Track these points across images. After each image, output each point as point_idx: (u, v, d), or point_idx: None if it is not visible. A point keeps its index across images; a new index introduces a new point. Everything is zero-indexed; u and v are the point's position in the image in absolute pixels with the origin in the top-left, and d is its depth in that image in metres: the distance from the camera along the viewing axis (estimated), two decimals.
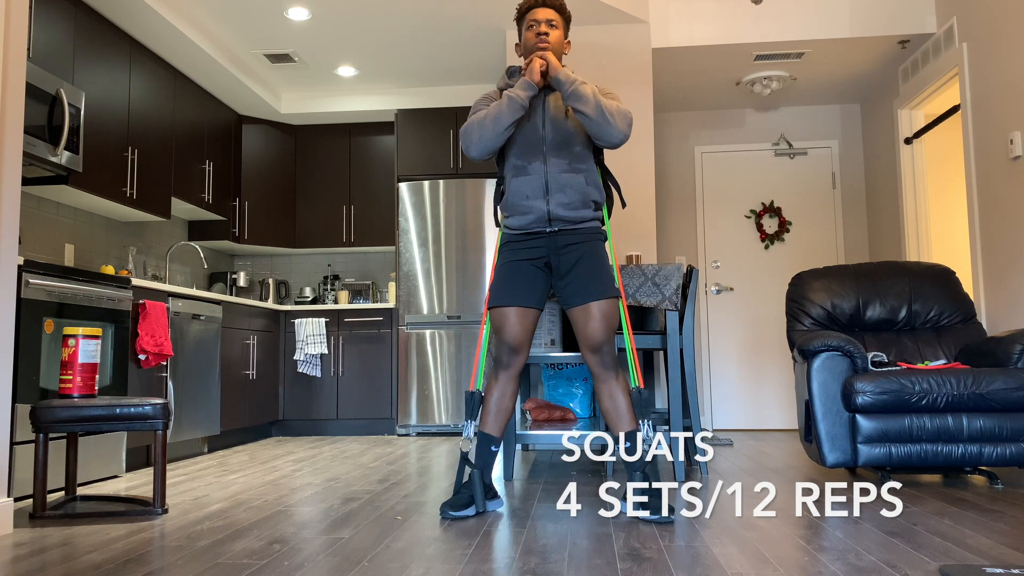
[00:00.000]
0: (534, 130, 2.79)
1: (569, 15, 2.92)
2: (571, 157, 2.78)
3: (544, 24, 2.82)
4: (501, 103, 2.71)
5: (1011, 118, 4.09)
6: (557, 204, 2.75)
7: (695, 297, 3.70)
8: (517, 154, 2.81)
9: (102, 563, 2.13)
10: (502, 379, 2.79)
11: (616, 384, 2.72)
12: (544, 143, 2.78)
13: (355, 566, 2.05)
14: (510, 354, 2.77)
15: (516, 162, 2.81)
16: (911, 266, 3.91)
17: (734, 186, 6.18)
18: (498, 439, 2.78)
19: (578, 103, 2.67)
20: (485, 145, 2.72)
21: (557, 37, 2.84)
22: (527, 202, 2.77)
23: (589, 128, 2.70)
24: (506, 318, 2.76)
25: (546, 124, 2.79)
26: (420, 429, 5.68)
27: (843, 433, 3.25)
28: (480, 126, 2.72)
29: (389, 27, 4.98)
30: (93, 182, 4.22)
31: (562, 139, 2.78)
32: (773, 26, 5.02)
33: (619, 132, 2.68)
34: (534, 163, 2.78)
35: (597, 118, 2.66)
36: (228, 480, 3.64)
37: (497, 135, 2.71)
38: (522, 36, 2.89)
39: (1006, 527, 2.42)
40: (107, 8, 4.31)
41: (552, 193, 2.75)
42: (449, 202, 5.77)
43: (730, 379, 6.04)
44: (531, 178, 2.77)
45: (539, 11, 2.85)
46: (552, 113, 2.80)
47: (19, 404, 3.12)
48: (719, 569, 1.97)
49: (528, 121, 2.80)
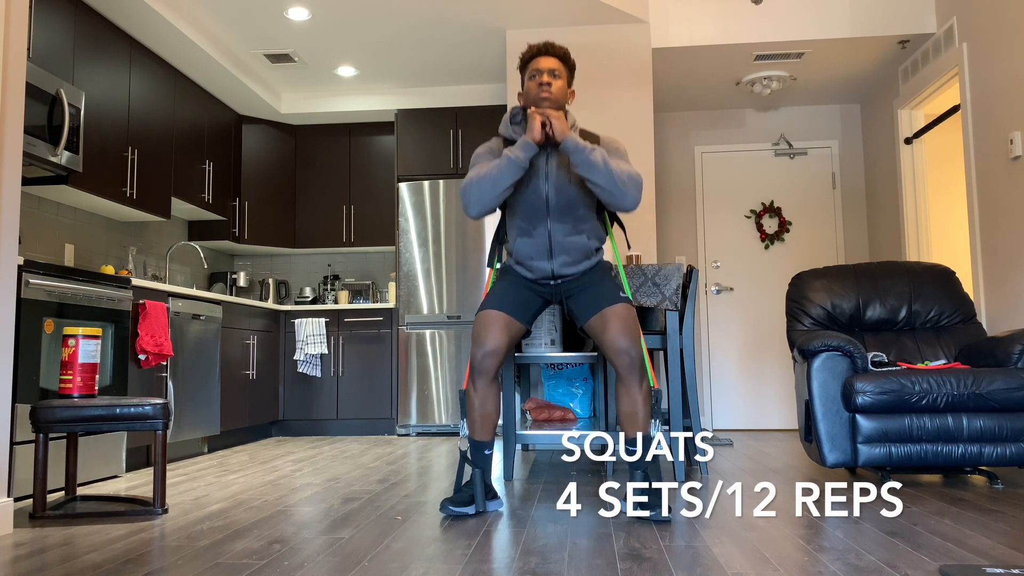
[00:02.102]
0: (537, 195, 2.73)
1: (573, 64, 2.84)
2: (575, 220, 2.74)
3: (547, 74, 2.74)
4: (500, 163, 2.63)
5: (1011, 118, 4.09)
6: (561, 264, 2.77)
7: (695, 297, 3.70)
8: (521, 216, 2.77)
9: (102, 563, 2.13)
10: (480, 386, 2.72)
11: (639, 391, 2.65)
12: (547, 207, 2.73)
13: (355, 566, 2.05)
14: (486, 358, 2.69)
15: (520, 223, 2.77)
16: (911, 266, 3.91)
17: (734, 186, 6.18)
18: (489, 442, 2.77)
19: (589, 172, 2.60)
20: (484, 206, 2.67)
21: (560, 87, 2.76)
22: (532, 262, 2.79)
23: (600, 196, 2.64)
24: (491, 321, 2.72)
25: (549, 189, 2.72)
26: (420, 429, 5.68)
27: (843, 433, 3.25)
28: (479, 187, 2.65)
29: (389, 27, 4.98)
30: (93, 182, 4.22)
31: (566, 204, 2.72)
32: (773, 26, 5.02)
33: (631, 200, 2.62)
34: (538, 227, 2.74)
35: (609, 187, 2.60)
36: (228, 480, 3.64)
37: (495, 197, 2.65)
38: (524, 85, 2.81)
39: (1006, 527, 2.42)
40: (107, 8, 4.31)
41: (556, 255, 2.76)
42: (449, 202, 5.77)
43: (730, 379, 6.04)
44: (535, 241, 2.75)
45: (542, 60, 2.77)
46: (555, 179, 2.72)
47: (19, 404, 3.12)
48: (719, 569, 1.97)
49: (531, 186, 2.73)
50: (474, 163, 2.79)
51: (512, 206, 2.79)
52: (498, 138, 2.89)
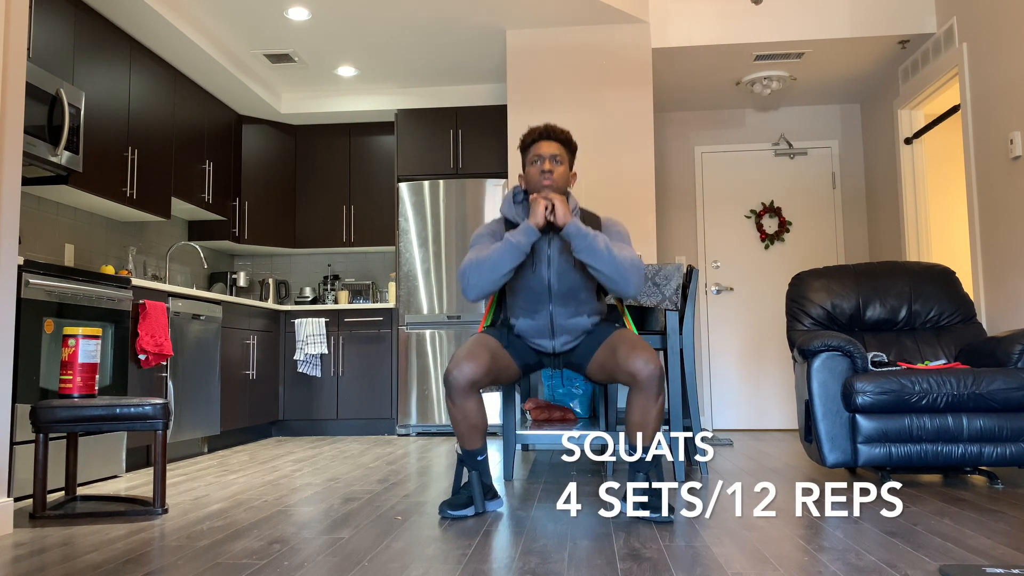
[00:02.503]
0: (539, 280, 2.71)
1: (575, 146, 2.81)
2: (576, 303, 2.73)
3: (548, 160, 2.70)
4: (501, 247, 2.59)
5: (1011, 118, 4.09)
6: (563, 343, 2.78)
7: (695, 297, 3.70)
8: (523, 298, 2.75)
9: (102, 563, 2.13)
10: (458, 401, 2.65)
11: (655, 404, 2.58)
12: (550, 293, 2.71)
13: (355, 566, 2.05)
14: (460, 377, 2.61)
15: (522, 305, 2.76)
16: (911, 266, 3.90)
17: (734, 186, 6.18)
18: (481, 448, 2.75)
19: (591, 259, 2.57)
20: (483, 290, 2.63)
21: (562, 173, 2.73)
22: (534, 340, 2.79)
23: (601, 281, 2.62)
24: (481, 348, 2.67)
25: (551, 275, 2.70)
26: (420, 429, 5.68)
27: (843, 433, 3.25)
28: (478, 271, 2.61)
29: (389, 27, 4.98)
30: (93, 182, 4.22)
31: (568, 289, 2.71)
32: (773, 26, 5.02)
33: (633, 287, 2.60)
34: (540, 311, 2.73)
35: (612, 274, 2.57)
36: (228, 480, 3.64)
37: (494, 281, 2.61)
38: (526, 168, 2.77)
39: (1006, 527, 2.42)
40: (107, 8, 4.31)
41: (557, 335, 2.76)
42: (449, 202, 5.77)
43: (730, 379, 6.04)
44: (537, 323, 2.75)
45: (544, 145, 2.73)
46: (557, 264, 2.70)
47: (19, 404, 3.12)
48: (719, 569, 1.97)
49: (533, 270, 2.71)
50: (474, 244, 2.75)
51: (513, 288, 2.76)
52: (499, 220, 2.84)
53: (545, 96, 5.11)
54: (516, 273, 2.70)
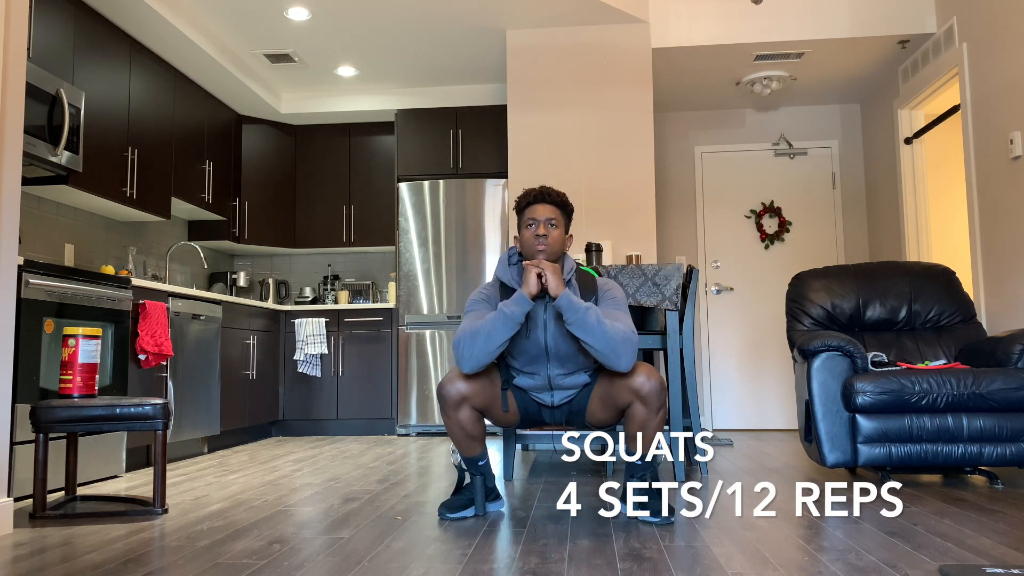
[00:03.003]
0: (536, 345, 2.68)
1: (571, 208, 2.76)
2: (574, 364, 2.71)
3: (543, 224, 2.66)
4: (495, 318, 2.55)
5: (1011, 118, 4.09)
6: (561, 397, 2.76)
7: (695, 297, 3.70)
8: (520, 361, 2.72)
9: (102, 563, 2.13)
10: (452, 415, 2.65)
11: (655, 417, 2.56)
12: (547, 355, 2.68)
13: (355, 566, 2.05)
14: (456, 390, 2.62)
15: (520, 366, 2.74)
16: (911, 266, 3.90)
17: (734, 186, 6.18)
18: (481, 454, 2.74)
19: (582, 333, 2.51)
20: (478, 361, 2.57)
21: (557, 237, 2.68)
22: (532, 393, 2.77)
23: (593, 355, 2.57)
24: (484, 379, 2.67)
25: (548, 338, 2.67)
26: (420, 429, 5.68)
27: (843, 433, 3.25)
28: (472, 343, 2.56)
29: (389, 27, 4.98)
30: (93, 182, 4.22)
31: (566, 353, 2.68)
32: (773, 26, 5.02)
33: (624, 362, 2.52)
34: (539, 371, 2.71)
35: (603, 350, 2.51)
36: (228, 480, 3.64)
37: (489, 353, 2.57)
38: (521, 231, 2.73)
39: (1006, 527, 2.41)
40: (107, 8, 4.31)
41: (556, 392, 2.75)
42: (449, 202, 5.77)
43: (730, 379, 6.03)
44: (535, 381, 2.73)
45: (539, 209, 2.68)
46: (554, 328, 2.66)
47: (19, 404, 3.12)
48: (719, 569, 1.97)
49: (529, 336, 2.68)
50: (468, 310, 2.72)
51: (511, 351, 2.73)
52: (494, 283, 2.81)
53: (545, 96, 5.11)
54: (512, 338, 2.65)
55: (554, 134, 5.08)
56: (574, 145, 5.06)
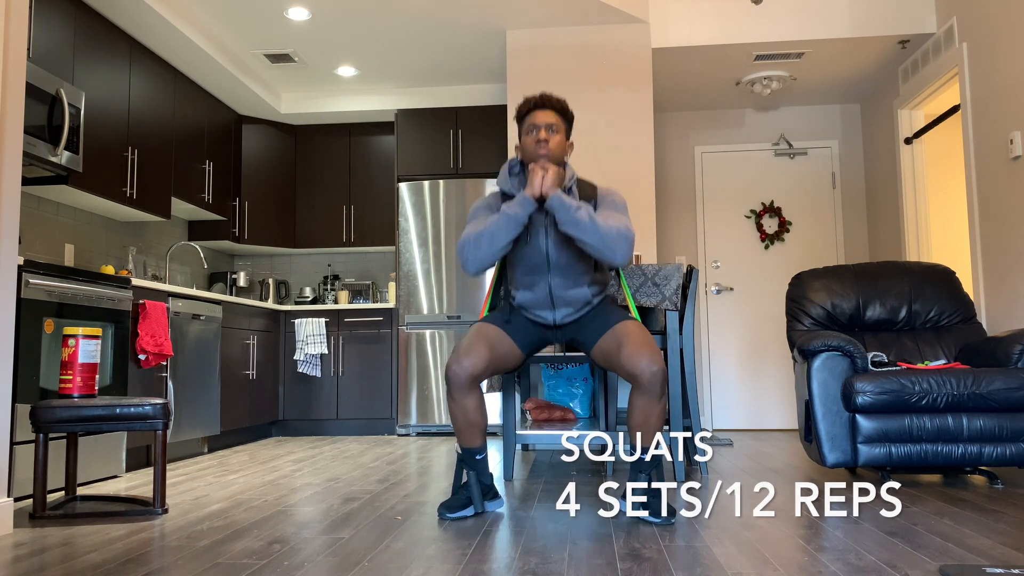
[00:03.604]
0: (538, 253, 2.69)
1: (572, 116, 2.78)
2: (575, 274, 2.72)
3: (544, 130, 2.68)
4: (498, 219, 2.58)
5: (1011, 118, 4.09)
6: (563, 315, 2.76)
7: (695, 297, 3.70)
8: (521, 271, 2.74)
9: (102, 563, 2.13)
10: (458, 397, 2.66)
11: (657, 405, 2.57)
12: (548, 264, 2.69)
13: (355, 566, 2.05)
14: (461, 371, 2.62)
15: (520, 277, 2.75)
16: (911, 266, 3.91)
17: (734, 186, 6.18)
18: (481, 447, 2.75)
19: (574, 231, 2.53)
20: (482, 263, 2.61)
21: (558, 142, 2.70)
22: (534, 311, 2.77)
23: (589, 252, 2.59)
24: (481, 337, 2.67)
25: (549, 245, 2.68)
26: (420, 429, 5.68)
27: (843, 433, 3.25)
28: (476, 245, 2.60)
29: (389, 27, 4.98)
30: (93, 182, 4.22)
31: (566, 260, 2.69)
32: (773, 26, 5.02)
33: (620, 256, 2.55)
34: (539, 282, 2.72)
35: (596, 244, 2.53)
36: (228, 480, 3.64)
37: (493, 254, 2.60)
38: (521, 139, 2.75)
39: (1006, 527, 2.42)
40: (107, 8, 4.31)
41: (558, 306, 2.74)
42: (449, 202, 5.77)
43: (730, 379, 6.04)
44: (536, 294, 2.73)
45: (539, 114, 2.70)
46: (555, 235, 2.68)
47: (19, 404, 3.12)
48: (719, 569, 1.97)
49: (531, 242, 2.69)
50: (472, 218, 2.74)
51: (512, 261, 2.76)
52: (496, 194, 2.83)
53: None
54: (514, 245, 2.69)
55: None
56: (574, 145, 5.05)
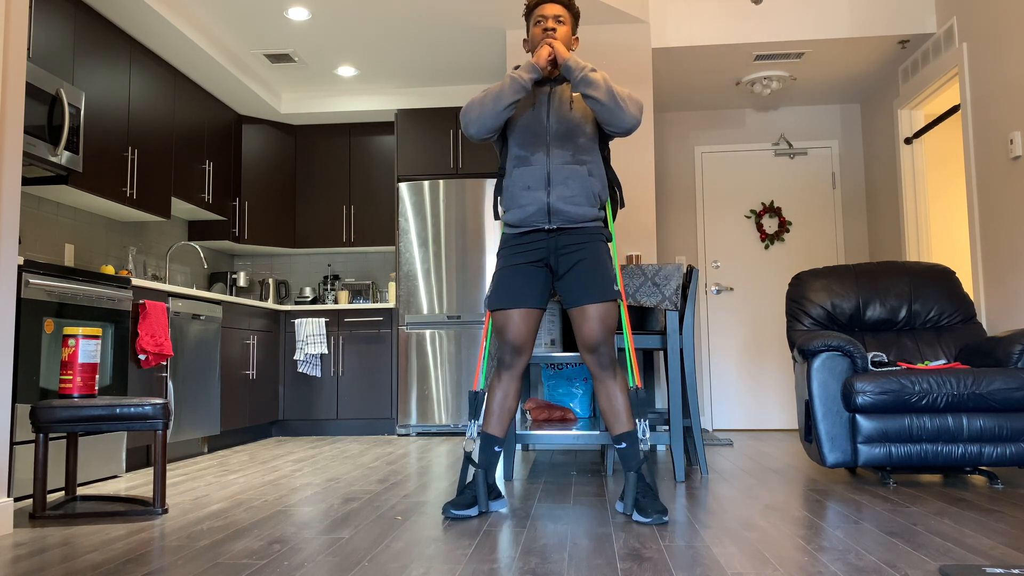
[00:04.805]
0: (538, 120, 2.77)
1: (578, 11, 2.90)
2: (575, 149, 2.76)
3: (552, 20, 2.81)
4: (503, 83, 2.70)
5: (1011, 118, 4.09)
6: (558, 197, 2.71)
7: (695, 297, 3.70)
8: (520, 144, 2.79)
9: (102, 563, 2.13)
10: (505, 379, 2.78)
11: (614, 384, 2.71)
12: (548, 133, 2.76)
13: (355, 566, 2.05)
14: (513, 354, 2.77)
15: (518, 152, 2.79)
16: (911, 266, 3.91)
17: (734, 186, 6.18)
18: (501, 439, 2.77)
19: (589, 88, 2.65)
20: (484, 123, 2.70)
21: (564, 33, 2.82)
22: (528, 192, 2.74)
23: (600, 114, 2.68)
24: (509, 319, 2.75)
25: (550, 115, 2.77)
26: (420, 429, 5.68)
27: (843, 433, 3.25)
28: (480, 104, 2.71)
29: (389, 27, 4.98)
30: (93, 182, 4.22)
31: (566, 130, 2.75)
32: (773, 26, 5.02)
33: (631, 117, 2.67)
34: (536, 153, 2.76)
35: (609, 103, 2.64)
36: (228, 480, 3.64)
37: (496, 113, 2.68)
38: (529, 32, 2.88)
39: (1006, 527, 2.42)
40: (107, 8, 4.31)
41: (554, 185, 2.72)
42: (449, 202, 5.77)
43: (730, 379, 6.04)
44: (533, 168, 2.75)
45: (547, 7, 2.83)
46: (557, 104, 2.79)
47: (19, 404, 3.12)
48: (719, 569, 1.97)
49: (532, 111, 2.78)
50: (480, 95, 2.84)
51: (511, 134, 2.82)
52: None
53: None
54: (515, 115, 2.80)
55: None
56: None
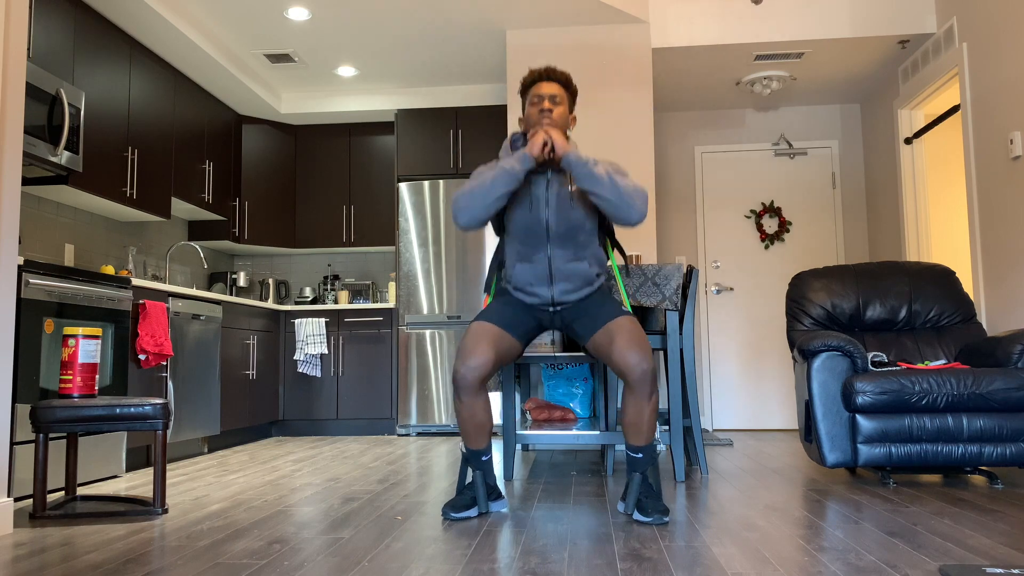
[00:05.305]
0: (537, 221, 2.67)
1: (575, 89, 2.78)
2: (576, 247, 2.69)
3: (548, 100, 2.69)
4: (494, 172, 2.57)
5: (1011, 118, 4.09)
6: (561, 292, 2.72)
7: (695, 297, 3.70)
8: (520, 241, 2.71)
9: (102, 563, 2.13)
10: (466, 399, 2.65)
11: (648, 404, 2.57)
12: (548, 234, 2.67)
13: (355, 566, 2.05)
14: (468, 372, 2.60)
15: (519, 248, 2.72)
16: (911, 266, 3.91)
17: (734, 186, 6.18)
18: (486, 448, 2.75)
19: (593, 185, 2.53)
20: (474, 215, 2.58)
21: (561, 113, 2.71)
22: (531, 288, 2.73)
23: (606, 210, 2.57)
24: (480, 335, 2.65)
25: (550, 214, 2.66)
26: (420, 429, 5.68)
27: (843, 433, 3.25)
28: (470, 195, 2.58)
29: (389, 27, 4.98)
30: (93, 182, 4.22)
31: (567, 230, 2.67)
32: (773, 26, 5.02)
33: (637, 212, 2.55)
34: (538, 253, 2.69)
35: (615, 199, 2.52)
36: (228, 480, 3.64)
37: (486, 207, 2.57)
38: (525, 110, 2.75)
39: (1006, 527, 2.42)
40: (107, 8, 4.31)
41: (556, 282, 2.71)
42: (449, 202, 5.77)
43: (730, 379, 6.04)
44: (535, 266, 2.70)
45: (543, 85, 2.71)
46: (557, 202, 2.66)
47: (19, 404, 3.12)
48: (719, 569, 1.97)
49: (531, 210, 2.67)
50: (473, 177, 2.72)
51: (511, 232, 2.73)
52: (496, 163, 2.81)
53: None
54: (514, 214, 2.66)
55: None
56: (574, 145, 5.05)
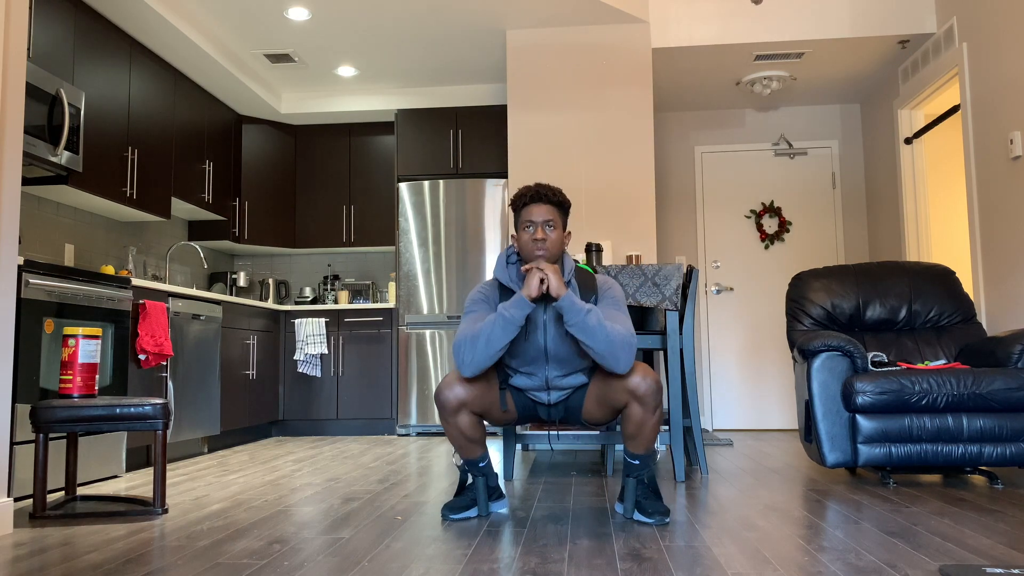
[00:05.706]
0: (536, 347, 2.66)
1: (569, 205, 2.72)
2: (572, 365, 2.70)
3: (541, 228, 2.61)
4: (495, 321, 2.53)
5: (1011, 118, 4.09)
6: (558, 396, 2.74)
7: (695, 297, 3.70)
8: (518, 362, 2.71)
9: (102, 563, 2.13)
10: (451, 420, 2.65)
11: (652, 417, 2.56)
12: (547, 357, 2.67)
13: (355, 566, 2.05)
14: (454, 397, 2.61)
15: (518, 367, 2.72)
16: (911, 266, 3.90)
17: (734, 186, 6.18)
18: (482, 456, 2.74)
19: (583, 335, 2.49)
20: (478, 365, 2.55)
21: (556, 238, 2.64)
22: (530, 393, 2.76)
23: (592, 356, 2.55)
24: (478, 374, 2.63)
25: (548, 341, 2.65)
26: (420, 429, 5.68)
27: (843, 433, 3.25)
28: (472, 347, 2.54)
29: (389, 27, 4.98)
30: (93, 182, 4.22)
31: (564, 354, 2.66)
32: (773, 26, 5.02)
33: (623, 365, 2.50)
34: (537, 372, 2.70)
35: (603, 352, 2.49)
36: (228, 480, 3.64)
37: (490, 357, 2.55)
38: (518, 231, 2.70)
39: (1006, 527, 2.42)
40: (107, 8, 4.31)
41: (552, 391, 2.73)
42: (449, 202, 5.77)
43: (730, 379, 6.03)
44: (535, 379, 2.72)
45: (535, 209, 2.63)
46: (553, 331, 2.64)
47: (19, 404, 3.12)
48: (719, 569, 1.97)
49: (528, 338, 2.66)
50: (468, 311, 2.70)
51: (509, 351, 2.71)
52: (492, 283, 2.79)
53: (545, 96, 5.11)
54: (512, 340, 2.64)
55: (554, 134, 5.08)
56: (574, 145, 5.06)
